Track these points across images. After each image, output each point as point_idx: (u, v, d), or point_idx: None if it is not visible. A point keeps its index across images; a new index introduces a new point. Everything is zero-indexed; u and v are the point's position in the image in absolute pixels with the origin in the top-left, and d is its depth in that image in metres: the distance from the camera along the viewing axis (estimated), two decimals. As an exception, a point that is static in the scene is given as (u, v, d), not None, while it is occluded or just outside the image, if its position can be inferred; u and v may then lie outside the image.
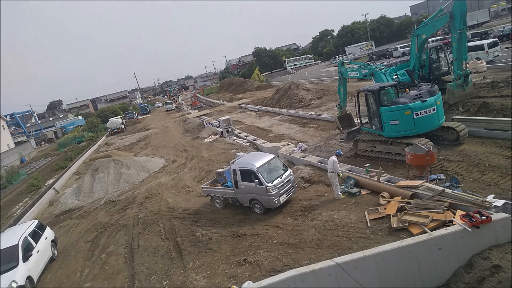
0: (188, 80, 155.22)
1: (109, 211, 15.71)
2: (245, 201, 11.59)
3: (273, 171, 11.26)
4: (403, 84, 15.22)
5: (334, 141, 17.45)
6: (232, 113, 36.84)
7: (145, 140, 33.90)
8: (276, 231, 9.89)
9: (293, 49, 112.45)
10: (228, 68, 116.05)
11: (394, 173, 11.41)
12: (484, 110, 14.37)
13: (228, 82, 72.46)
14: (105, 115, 64.45)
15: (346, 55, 71.10)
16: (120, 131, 46.82)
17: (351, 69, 17.23)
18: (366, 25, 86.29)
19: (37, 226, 12.53)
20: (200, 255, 9.73)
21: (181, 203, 14.24)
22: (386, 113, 12.49)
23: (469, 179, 10.04)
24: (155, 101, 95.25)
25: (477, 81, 18.49)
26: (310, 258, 8.17)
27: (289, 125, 24.73)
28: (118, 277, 9.93)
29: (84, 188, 19.77)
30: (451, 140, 12.73)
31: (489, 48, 24.92)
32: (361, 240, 8.33)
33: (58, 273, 11.22)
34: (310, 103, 30.45)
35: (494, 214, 7.03)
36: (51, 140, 62.80)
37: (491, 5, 75.71)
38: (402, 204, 9.12)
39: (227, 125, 25.40)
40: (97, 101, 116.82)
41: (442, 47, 18.75)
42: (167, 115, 55.43)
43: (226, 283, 8.12)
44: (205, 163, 19.43)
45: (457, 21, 13.56)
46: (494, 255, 6.44)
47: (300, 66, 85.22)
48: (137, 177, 19.92)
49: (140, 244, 11.45)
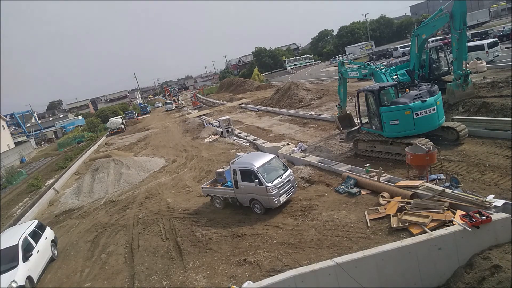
0: (188, 80, 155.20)
1: (109, 211, 15.71)
2: (245, 201, 11.59)
3: (273, 171, 11.26)
4: (403, 84, 15.23)
5: (334, 141, 17.44)
6: (232, 113, 36.83)
7: (145, 140, 33.89)
8: (276, 231, 9.88)
9: (293, 49, 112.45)
10: (228, 68, 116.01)
11: (394, 173, 11.40)
12: (484, 110, 14.36)
13: (228, 82, 72.41)
14: (105, 115, 64.46)
15: (346, 55, 71.12)
16: (120, 131, 46.82)
17: (351, 69, 17.23)
18: (366, 25, 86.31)
19: (37, 226, 12.53)
20: (200, 255, 9.73)
21: (181, 203, 14.24)
22: (386, 113, 12.48)
23: (469, 179, 10.04)
24: (155, 101, 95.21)
25: (477, 81, 18.48)
26: (310, 258, 8.17)
27: (289, 125, 24.72)
28: (118, 277, 9.93)
29: (84, 188, 19.77)
30: (451, 140, 12.73)
31: (489, 48, 24.90)
32: (361, 240, 8.32)
33: (58, 273, 11.22)
34: (310, 103, 30.44)
35: (494, 214, 7.03)
36: (51, 140, 62.79)
37: (491, 5, 75.77)
38: (402, 204, 9.11)
39: (227, 125, 25.39)
40: (97, 101, 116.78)
41: (442, 47, 18.76)
42: (167, 115, 55.43)
43: (226, 283, 8.12)
44: (205, 163, 19.42)
45: (457, 21, 13.55)
46: (494, 255, 6.43)
47: (300, 66, 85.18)
48: (137, 177, 19.92)
49: (140, 244, 11.45)
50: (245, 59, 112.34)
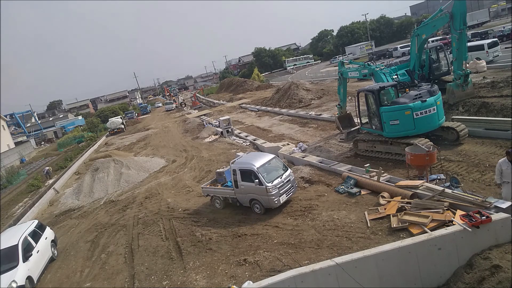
0: (188, 80, 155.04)
1: (109, 211, 15.71)
2: (245, 201, 11.59)
3: (273, 171, 11.25)
4: (403, 84, 15.20)
5: (334, 141, 17.45)
6: (232, 113, 36.83)
7: (145, 140, 33.90)
8: (276, 231, 9.88)
9: (293, 49, 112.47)
10: (228, 68, 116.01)
11: (394, 173, 11.40)
12: (484, 110, 14.36)
13: (228, 82, 72.41)
14: (105, 115, 64.49)
15: (346, 55, 71.12)
16: (120, 131, 46.83)
17: (351, 69, 17.22)
18: (366, 25, 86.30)
19: (37, 226, 12.53)
20: (200, 255, 9.73)
21: (181, 203, 14.24)
22: (386, 113, 12.48)
23: (469, 179, 10.04)
24: (155, 101, 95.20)
25: (477, 81, 18.49)
26: (310, 258, 8.17)
27: (289, 125, 24.72)
28: (118, 277, 9.93)
29: (84, 188, 19.77)
30: (451, 140, 12.73)
31: (489, 48, 24.92)
32: (361, 240, 8.32)
33: (58, 273, 11.22)
34: (310, 103, 30.45)
35: (494, 214, 7.02)
36: (51, 140, 62.77)
37: (491, 5, 75.78)
38: (402, 204, 9.11)
39: (227, 125, 25.39)
40: (97, 101, 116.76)
41: (442, 47, 18.74)
42: (167, 115, 55.42)
43: (226, 283, 8.12)
44: (205, 163, 19.42)
45: (457, 21, 13.54)
46: (494, 255, 6.42)
47: (300, 66, 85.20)
48: (137, 177, 19.92)
49: (140, 244, 11.44)
50: (245, 59, 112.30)
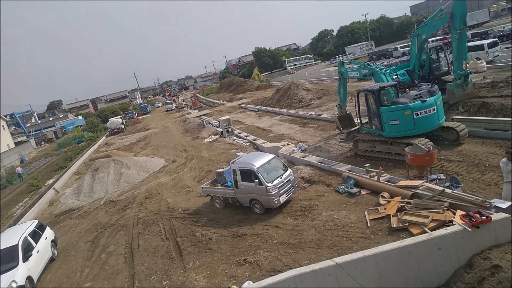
0: (188, 80, 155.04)
1: (109, 211, 15.71)
2: (245, 201, 11.59)
3: (273, 171, 11.25)
4: (403, 84, 15.22)
5: (334, 141, 17.44)
6: (232, 113, 36.83)
7: (145, 140, 33.89)
8: (276, 231, 9.88)
9: (293, 49, 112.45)
10: (228, 68, 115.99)
11: (394, 173, 11.40)
12: (484, 110, 14.35)
13: (228, 82, 72.41)
14: (105, 115, 64.45)
15: (346, 55, 71.13)
16: (120, 131, 46.82)
17: (351, 69, 17.22)
18: (366, 25, 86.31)
19: (37, 226, 12.53)
20: (200, 255, 9.73)
21: (181, 203, 14.24)
22: (386, 113, 12.48)
23: (469, 179, 10.04)
24: (155, 101, 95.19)
25: (477, 81, 18.49)
26: (310, 258, 8.17)
27: (289, 125, 24.72)
28: (118, 277, 9.93)
29: (84, 188, 19.77)
30: (451, 140, 12.73)
31: (489, 48, 24.91)
32: (361, 240, 8.32)
33: (58, 273, 11.22)
34: (310, 103, 30.45)
35: (494, 214, 7.02)
36: (51, 140, 62.78)
37: (491, 5, 75.78)
38: (402, 204, 9.11)
39: (227, 125, 25.39)
40: (97, 101, 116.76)
41: (442, 47, 18.75)
42: (167, 115, 55.42)
43: (226, 283, 8.12)
44: (205, 163, 19.42)
45: (457, 21, 13.54)
46: (494, 255, 6.42)
47: (300, 66, 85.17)
48: (137, 177, 19.92)
49: (140, 244, 11.44)
50: (245, 59, 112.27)
